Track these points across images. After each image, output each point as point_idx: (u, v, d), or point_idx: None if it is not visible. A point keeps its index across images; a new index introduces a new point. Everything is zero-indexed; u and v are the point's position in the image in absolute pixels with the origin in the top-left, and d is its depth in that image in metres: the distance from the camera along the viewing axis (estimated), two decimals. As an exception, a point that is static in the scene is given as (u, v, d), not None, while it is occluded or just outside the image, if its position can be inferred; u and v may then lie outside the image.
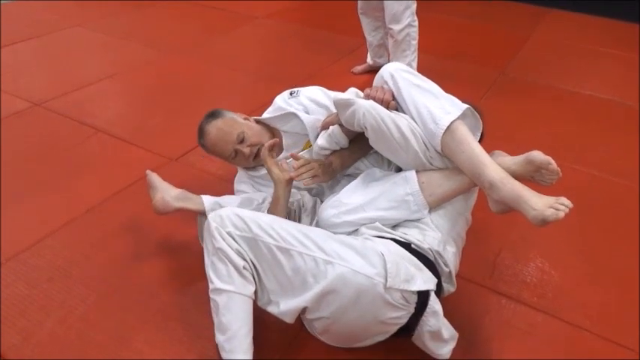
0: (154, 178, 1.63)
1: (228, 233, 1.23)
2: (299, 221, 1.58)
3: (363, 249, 1.23)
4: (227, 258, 1.23)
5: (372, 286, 1.17)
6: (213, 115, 1.66)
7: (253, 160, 1.65)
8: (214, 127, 1.62)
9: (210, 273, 1.25)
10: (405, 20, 2.60)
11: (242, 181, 1.76)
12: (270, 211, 1.49)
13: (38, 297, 1.50)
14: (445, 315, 1.28)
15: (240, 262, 1.23)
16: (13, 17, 3.75)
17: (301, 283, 1.20)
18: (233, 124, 1.64)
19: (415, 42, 2.68)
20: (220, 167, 2.08)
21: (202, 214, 1.56)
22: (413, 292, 1.20)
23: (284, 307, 1.22)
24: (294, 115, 1.64)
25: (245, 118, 1.71)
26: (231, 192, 1.76)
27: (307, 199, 1.63)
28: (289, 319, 1.24)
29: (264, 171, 1.70)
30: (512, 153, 1.40)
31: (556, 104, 2.80)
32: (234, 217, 1.25)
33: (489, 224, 1.79)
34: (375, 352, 1.33)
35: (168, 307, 1.49)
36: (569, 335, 1.46)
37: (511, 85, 2.99)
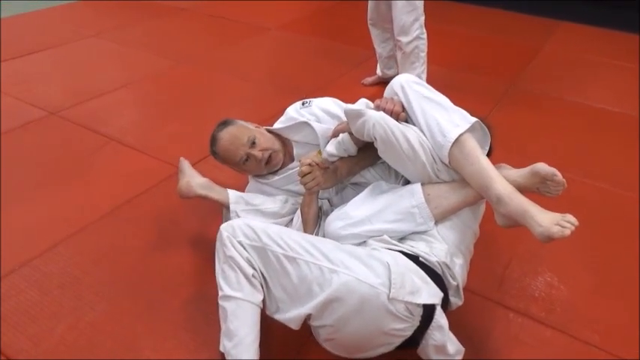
0: (185, 164, 1.74)
1: (239, 242, 1.27)
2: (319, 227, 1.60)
3: (369, 259, 1.24)
4: (237, 266, 1.26)
5: (375, 296, 1.17)
6: (225, 123, 1.71)
7: (265, 166, 1.67)
8: (226, 133, 1.67)
9: (220, 280, 1.28)
10: (413, 32, 2.61)
11: (253, 189, 1.78)
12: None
13: (49, 303, 1.53)
14: (451, 328, 1.28)
15: (250, 271, 1.26)
16: (31, 28, 3.84)
17: (307, 292, 1.21)
18: (244, 129, 1.68)
19: (424, 54, 2.69)
20: (230, 177, 2.09)
21: (225, 206, 1.61)
22: (418, 304, 1.20)
23: (290, 314, 1.24)
24: (307, 124, 1.66)
25: (256, 127, 1.74)
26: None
27: (327, 206, 1.65)
28: (295, 326, 1.25)
29: (274, 178, 1.72)
30: (522, 165, 1.39)
31: (567, 116, 2.79)
32: (245, 227, 1.29)
33: (497, 236, 1.78)
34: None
35: (178, 316, 1.51)
36: (579, 351, 1.45)
37: (521, 97, 2.99)
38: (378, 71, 3.06)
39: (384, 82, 3.04)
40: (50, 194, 2.03)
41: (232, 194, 1.63)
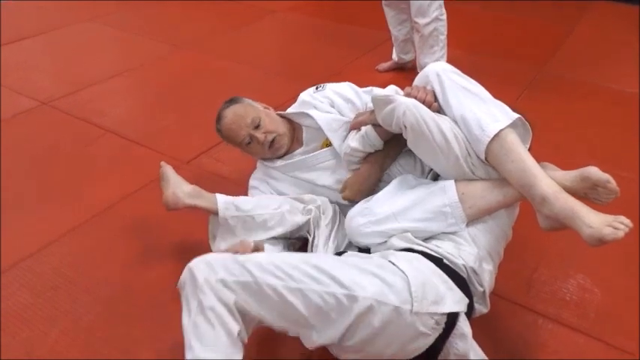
0: (168, 170, 1.65)
1: (221, 281, 1.09)
2: (318, 229, 1.58)
3: (383, 271, 1.18)
4: (219, 320, 1.07)
5: (397, 315, 1.14)
6: (231, 100, 1.73)
7: (269, 149, 1.69)
8: (231, 112, 1.69)
9: (191, 337, 1.08)
10: (432, 13, 2.58)
11: (257, 177, 1.80)
12: None
13: (43, 306, 1.54)
14: (475, 334, 1.27)
15: (235, 327, 1.09)
16: (21, 12, 3.86)
17: (322, 321, 1.14)
18: (250, 109, 1.70)
19: (444, 37, 2.66)
20: (233, 171, 2.10)
21: (215, 213, 1.58)
22: (443, 313, 1.18)
23: (304, 339, 1.18)
24: (308, 115, 1.67)
25: (265, 108, 1.76)
26: (245, 194, 1.78)
27: (327, 205, 1.64)
28: (307, 346, 1.20)
29: (280, 162, 1.73)
30: (553, 159, 1.37)
31: (601, 104, 2.75)
32: (225, 261, 1.12)
33: (526, 237, 1.76)
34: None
35: (176, 319, 1.50)
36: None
37: (551, 83, 2.95)
38: (394, 56, 3.04)
39: (399, 67, 3.03)
40: (42, 190, 2.04)
41: (221, 199, 1.57)
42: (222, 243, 1.56)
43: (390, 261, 1.23)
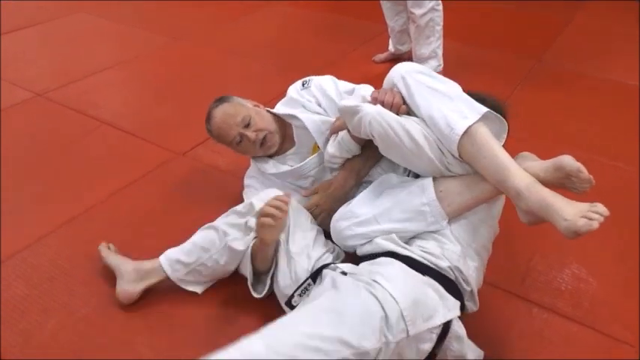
0: (109, 257, 1.59)
1: None
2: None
3: (367, 313, 1.14)
4: None
5: (401, 347, 1.15)
6: (221, 99, 1.72)
7: (260, 148, 1.68)
8: (220, 111, 1.67)
9: None
10: (428, 4, 2.58)
11: (252, 175, 1.79)
12: (255, 258, 1.45)
13: (39, 297, 1.54)
14: (469, 323, 1.28)
15: None
16: (15, 3, 3.83)
17: None
18: (239, 107, 1.68)
19: (440, 27, 2.65)
20: (230, 163, 2.10)
21: (168, 279, 1.52)
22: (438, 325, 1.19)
23: None
24: (297, 117, 1.66)
25: (255, 105, 1.75)
26: (241, 188, 1.79)
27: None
28: None
29: (273, 170, 1.72)
30: (547, 151, 1.37)
31: (597, 96, 2.75)
32: None
33: (520, 226, 1.75)
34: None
35: (173, 311, 1.51)
36: (608, 348, 1.43)
37: (548, 75, 2.95)
38: (391, 47, 3.03)
39: (396, 58, 3.02)
40: (38, 182, 2.04)
41: (165, 263, 1.50)
42: (198, 287, 1.54)
43: (376, 281, 1.20)
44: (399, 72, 1.42)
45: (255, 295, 1.46)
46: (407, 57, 2.98)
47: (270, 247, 1.43)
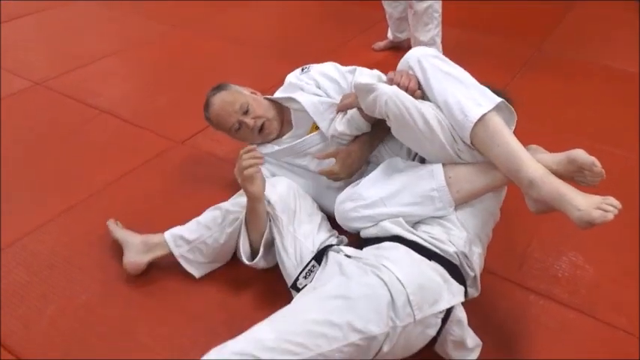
0: (117, 231, 1.63)
1: None
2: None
3: (379, 290, 1.16)
4: None
5: (408, 332, 1.17)
6: (218, 87, 1.73)
7: (259, 134, 1.69)
8: (218, 99, 1.69)
9: None
10: (427, -10, 2.56)
11: None
12: (249, 223, 1.47)
13: (39, 284, 1.55)
14: (467, 310, 1.29)
15: None
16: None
17: None
18: (237, 95, 1.70)
19: (438, 15, 2.63)
20: (229, 151, 2.10)
21: (171, 254, 1.55)
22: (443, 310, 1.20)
23: None
24: (294, 99, 1.67)
25: (253, 92, 1.76)
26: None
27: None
28: None
29: (271, 149, 1.73)
30: (548, 137, 1.37)
31: (598, 83, 2.74)
32: (231, 357, 1.04)
33: (519, 214, 1.76)
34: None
35: (173, 298, 1.52)
36: (604, 335, 1.44)
37: (548, 63, 2.93)
38: (389, 35, 3.02)
39: (395, 46, 3.01)
40: (38, 170, 2.04)
41: (169, 239, 1.54)
42: (195, 271, 1.55)
43: (383, 265, 1.22)
44: (416, 55, 1.43)
45: (246, 262, 1.48)
46: (406, 45, 2.96)
47: (260, 203, 1.44)
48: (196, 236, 1.53)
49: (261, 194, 1.43)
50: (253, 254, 1.50)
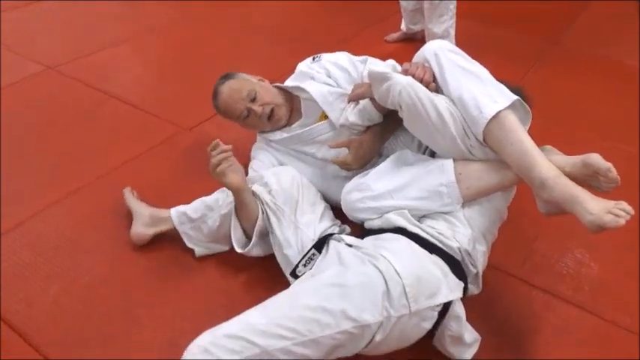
0: (130, 200, 1.71)
1: None
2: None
3: (370, 285, 1.15)
4: None
5: (403, 323, 1.16)
6: (226, 76, 1.74)
7: (268, 122, 1.69)
8: (226, 87, 1.70)
9: None
10: (442, -19, 2.53)
11: (257, 148, 1.81)
12: (239, 212, 1.49)
13: (43, 265, 1.57)
14: (469, 305, 1.28)
15: None
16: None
17: (336, 353, 1.14)
18: (245, 82, 1.70)
19: (453, 6, 2.61)
20: (237, 138, 2.07)
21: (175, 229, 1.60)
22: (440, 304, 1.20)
23: None
24: (303, 89, 1.67)
25: (260, 80, 1.76)
26: (247, 162, 1.80)
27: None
28: None
29: (279, 136, 1.73)
30: (560, 134, 1.35)
31: (615, 81, 2.69)
32: (224, 340, 1.04)
33: (525, 209, 1.74)
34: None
35: (176, 281, 1.54)
36: (607, 333, 1.43)
37: (564, 57, 2.89)
38: (403, 26, 2.99)
39: (408, 38, 2.99)
40: (47, 152, 2.06)
41: (174, 215, 1.59)
42: (196, 247, 1.59)
43: (382, 255, 1.22)
44: (433, 48, 1.41)
45: (238, 250, 1.49)
46: (419, 37, 2.94)
47: (244, 193, 1.45)
48: (199, 215, 1.57)
49: (240, 185, 1.44)
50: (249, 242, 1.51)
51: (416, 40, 2.97)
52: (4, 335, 1.37)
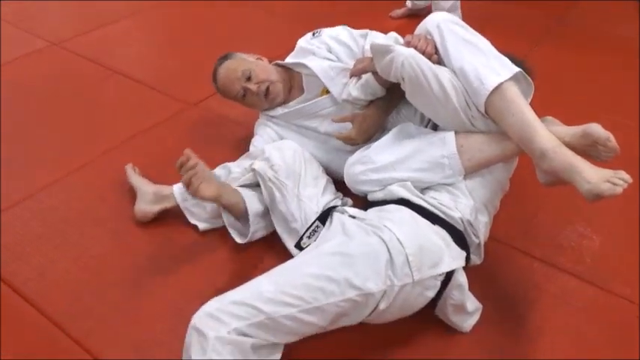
0: (133, 177, 1.72)
1: (235, 330, 1.04)
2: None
3: (374, 255, 1.18)
4: None
5: (402, 290, 1.18)
6: (225, 57, 1.76)
7: (265, 99, 1.70)
8: (223, 68, 1.72)
9: None
10: (448, -44, 2.51)
11: (262, 123, 1.81)
12: (229, 212, 1.52)
13: (53, 236, 1.61)
14: (470, 275, 1.31)
15: None
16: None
17: (341, 321, 1.17)
18: (240, 62, 1.72)
19: (461, -20, 2.59)
20: (241, 114, 2.11)
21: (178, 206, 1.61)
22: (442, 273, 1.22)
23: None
24: (304, 65, 1.67)
25: (258, 58, 1.77)
26: (251, 137, 1.81)
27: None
28: None
29: (281, 111, 1.75)
30: (564, 108, 1.35)
31: (621, 57, 2.66)
32: (230, 307, 1.07)
33: (527, 182, 1.75)
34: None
35: (184, 251, 1.57)
36: (607, 303, 1.45)
37: (570, 34, 2.86)
38: (408, 3, 2.97)
39: (414, 14, 2.96)
40: (53, 127, 2.09)
41: (177, 192, 1.61)
42: (199, 223, 1.61)
43: (385, 225, 1.24)
44: (435, 20, 1.41)
45: (238, 240, 1.52)
46: (425, 13, 2.90)
47: (222, 197, 1.46)
48: None
49: (214, 194, 1.44)
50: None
51: (421, 16, 2.91)
52: (16, 305, 1.41)
